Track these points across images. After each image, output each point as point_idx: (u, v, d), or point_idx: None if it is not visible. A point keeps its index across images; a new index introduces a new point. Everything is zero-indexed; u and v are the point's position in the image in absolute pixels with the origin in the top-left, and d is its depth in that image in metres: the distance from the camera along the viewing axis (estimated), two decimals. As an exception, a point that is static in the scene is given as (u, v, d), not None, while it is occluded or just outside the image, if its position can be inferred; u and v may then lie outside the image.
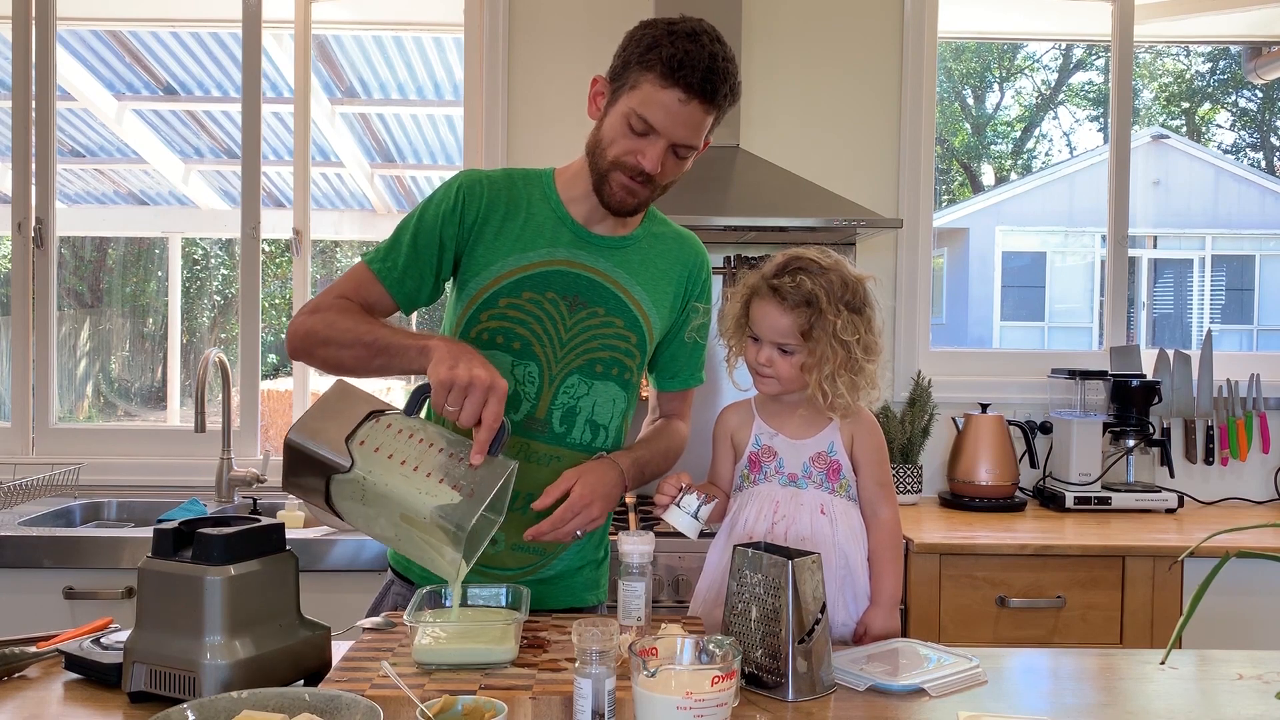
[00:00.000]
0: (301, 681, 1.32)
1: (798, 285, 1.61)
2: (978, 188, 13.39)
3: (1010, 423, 2.91)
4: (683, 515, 1.59)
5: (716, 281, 2.98)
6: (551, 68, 3.03)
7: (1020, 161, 13.69)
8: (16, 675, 1.37)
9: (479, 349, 1.59)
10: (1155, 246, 11.99)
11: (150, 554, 1.29)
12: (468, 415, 1.36)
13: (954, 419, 2.96)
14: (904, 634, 1.81)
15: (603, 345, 1.65)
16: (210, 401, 2.78)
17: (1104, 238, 3.29)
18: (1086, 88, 13.17)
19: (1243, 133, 13.55)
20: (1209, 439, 3.03)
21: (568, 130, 2.99)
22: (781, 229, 2.68)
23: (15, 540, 2.39)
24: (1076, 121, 13.66)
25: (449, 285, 1.70)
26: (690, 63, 1.49)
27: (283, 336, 6.08)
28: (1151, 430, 2.91)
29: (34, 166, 3.07)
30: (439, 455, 1.36)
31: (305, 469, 1.36)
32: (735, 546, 1.40)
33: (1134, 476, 2.96)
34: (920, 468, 2.92)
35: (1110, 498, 2.79)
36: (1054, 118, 13.79)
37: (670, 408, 1.86)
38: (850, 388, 1.64)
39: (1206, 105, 13.18)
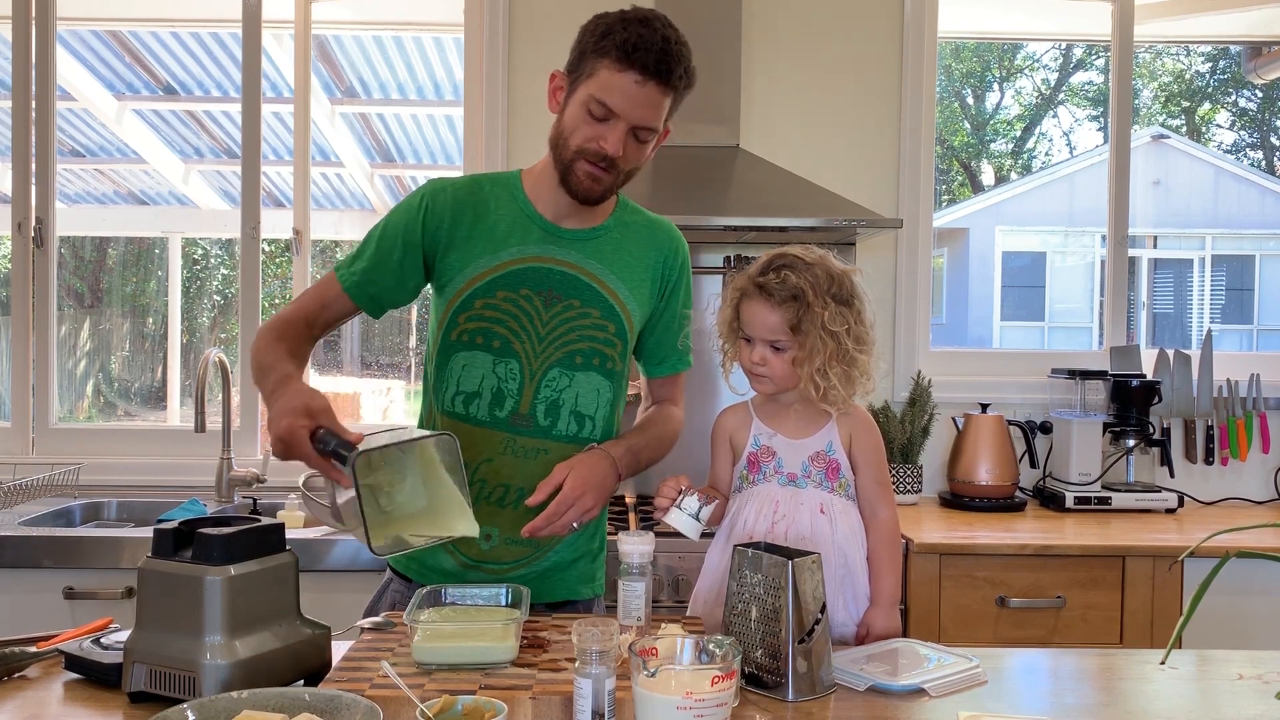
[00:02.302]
0: (301, 681, 1.32)
1: (783, 281, 1.63)
2: (978, 188, 13.39)
3: (1010, 423, 2.91)
4: (683, 516, 1.59)
5: (716, 281, 2.98)
6: (551, 68, 3.02)
7: (1020, 161, 13.69)
8: (16, 675, 1.37)
9: (461, 350, 1.64)
10: (1155, 246, 11.98)
11: (150, 554, 1.29)
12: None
13: (954, 419, 2.96)
14: (904, 634, 1.81)
15: (581, 336, 1.67)
16: (210, 401, 2.78)
17: (1104, 238, 3.29)
18: (1086, 88, 13.17)
19: (1243, 133, 13.55)
20: (1209, 439, 3.03)
21: (568, 130, 2.99)
22: (781, 229, 2.68)
23: (15, 540, 2.39)
24: (1076, 121, 13.66)
25: (430, 291, 1.73)
26: (644, 45, 1.53)
27: (283, 336, 6.07)
28: (1151, 430, 2.91)
29: (34, 166, 3.07)
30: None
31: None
32: (735, 546, 1.41)
33: (1134, 476, 2.96)
34: (920, 468, 2.92)
35: (1110, 498, 2.79)
36: (1054, 117, 13.80)
37: (662, 393, 1.87)
38: (844, 379, 1.64)
39: (1206, 105, 13.18)
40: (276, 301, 6.28)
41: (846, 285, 1.67)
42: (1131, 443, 2.90)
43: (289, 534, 1.41)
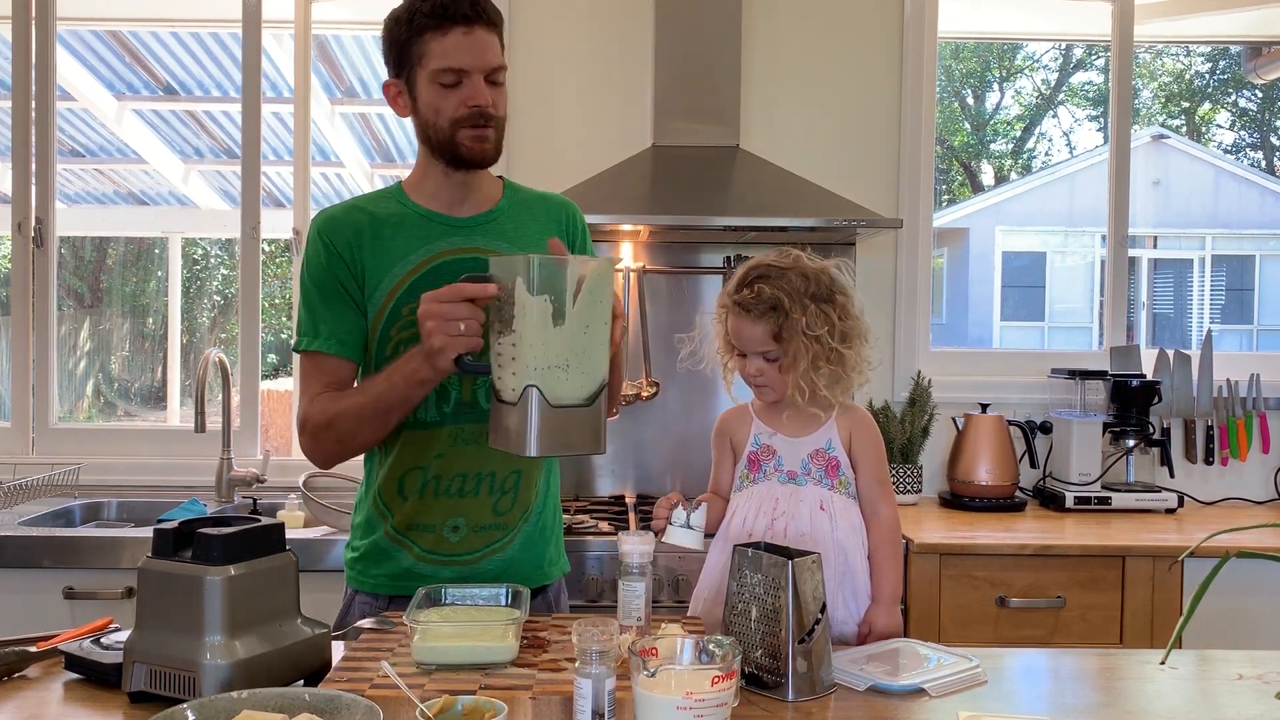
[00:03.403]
0: (301, 681, 1.32)
1: (757, 295, 1.65)
2: (978, 188, 13.39)
3: (1010, 423, 2.91)
4: (677, 530, 1.62)
5: (716, 281, 2.98)
6: (551, 68, 3.03)
7: (1020, 161, 13.69)
8: (16, 675, 1.37)
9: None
10: (1155, 246, 11.99)
11: (150, 554, 1.29)
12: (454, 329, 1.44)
13: (954, 419, 2.96)
14: (904, 634, 1.81)
15: None
16: (210, 401, 2.78)
17: (1104, 238, 3.29)
18: (1086, 88, 13.18)
19: (1243, 133, 13.56)
20: (1209, 439, 3.03)
21: (567, 130, 3.00)
22: (781, 229, 2.68)
23: (15, 540, 2.39)
24: (1076, 121, 13.67)
25: None
26: (450, 0, 1.57)
27: (283, 336, 6.06)
28: (1151, 430, 2.91)
29: (34, 166, 3.07)
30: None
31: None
32: (735, 546, 1.41)
33: (1134, 476, 2.95)
34: (920, 468, 2.92)
35: (1110, 498, 2.79)
36: (1054, 117, 13.80)
37: None
38: (832, 380, 1.65)
39: (1206, 105, 13.19)
40: (276, 301, 6.29)
41: (824, 282, 1.67)
42: (1131, 443, 2.90)
43: (289, 534, 1.41)
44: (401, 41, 1.61)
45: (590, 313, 1.40)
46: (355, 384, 1.72)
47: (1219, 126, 13.28)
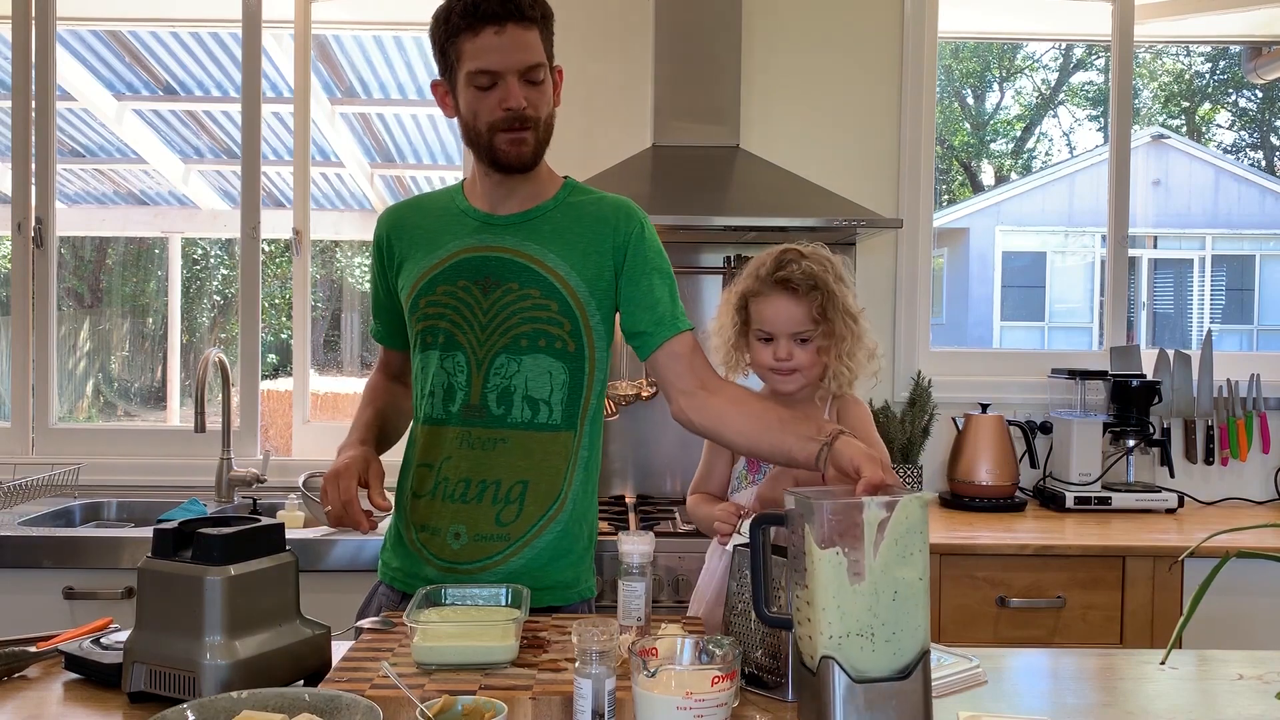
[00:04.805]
0: (301, 681, 1.32)
1: (804, 271, 1.63)
2: (978, 188, 13.39)
3: (1010, 423, 2.91)
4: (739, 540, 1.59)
5: (716, 281, 2.98)
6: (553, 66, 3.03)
7: (1020, 161, 13.69)
8: (16, 675, 1.37)
9: (419, 355, 1.69)
10: (1155, 246, 11.99)
11: (150, 554, 1.29)
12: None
13: (954, 419, 2.96)
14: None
15: (523, 319, 1.64)
16: (210, 401, 2.78)
17: (1104, 238, 3.29)
18: (1086, 87, 13.18)
19: (1243, 133, 13.56)
20: (1209, 439, 3.03)
21: (566, 129, 2.98)
22: (781, 229, 2.68)
23: (15, 540, 2.39)
24: (1076, 121, 13.67)
25: None
26: (480, 0, 1.55)
27: (283, 336, 6.07)
28: (1151, 430, 2.91)
29: (34, 166, 3.07)
30: None
31: None
32: (735, 546, 1.41)
33: (1134, 476, 2.95)
34: (920, 468, 2.92)
35: (1110, 498, 2.79)
36: (1054, 117, 13.80)
37: (692, 375, 1.66)
38: (859, 361, 1.66)
39: (1206, 105, 13.19)
40: (276, 301, 6.28)
41: (842, 269, 1.68)
42: (1131, 443, 2.90)
43: (289, 534, 1.41)
44: (441, 43, 1.60)
45: (898, 571, 1.17)
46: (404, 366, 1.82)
47: (1219, 126, 13.28)
